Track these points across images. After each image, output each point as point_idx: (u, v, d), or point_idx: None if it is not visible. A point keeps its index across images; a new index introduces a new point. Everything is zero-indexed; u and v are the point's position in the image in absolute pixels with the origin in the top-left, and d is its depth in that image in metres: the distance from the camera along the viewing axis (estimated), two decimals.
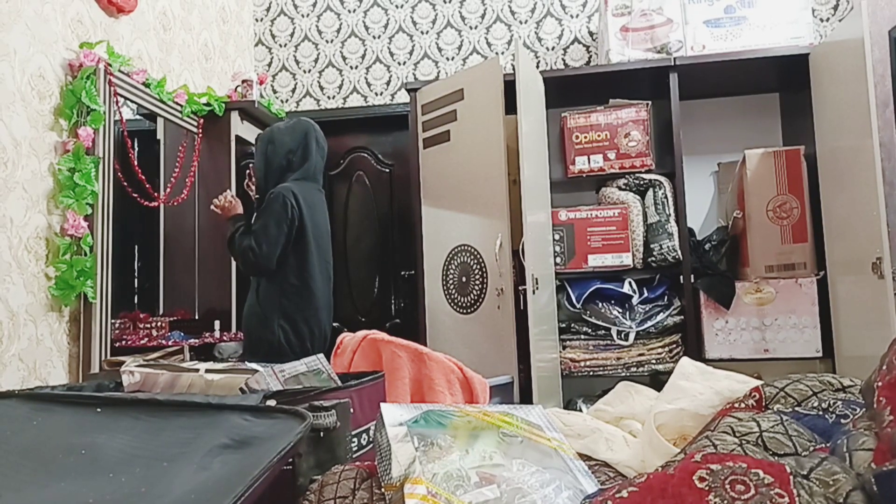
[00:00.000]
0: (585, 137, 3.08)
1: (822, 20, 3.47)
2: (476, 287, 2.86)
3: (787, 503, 0.57)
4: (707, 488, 0.59)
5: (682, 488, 0.60)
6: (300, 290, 2.50)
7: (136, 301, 3.12)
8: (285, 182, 2.53)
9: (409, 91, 3.26)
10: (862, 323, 2.55)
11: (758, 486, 0.59)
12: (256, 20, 4.09)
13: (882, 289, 2.38)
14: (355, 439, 0.97)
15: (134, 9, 2.95)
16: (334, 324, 3.91)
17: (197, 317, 3.29)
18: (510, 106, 2.73)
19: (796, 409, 0.82)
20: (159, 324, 2.94)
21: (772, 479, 0.59)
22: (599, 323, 2.91)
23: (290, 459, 0.78)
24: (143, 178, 2.90)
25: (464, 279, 2.92)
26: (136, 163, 2.87)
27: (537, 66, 3.69)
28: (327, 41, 4.00)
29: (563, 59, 3.74)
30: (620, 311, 2.92)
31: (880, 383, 0.68)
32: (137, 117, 3.05)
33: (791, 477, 0.59)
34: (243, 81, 3.48)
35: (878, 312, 2.40)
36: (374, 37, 3.95)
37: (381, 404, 0.82)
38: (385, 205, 4.01)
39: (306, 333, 2.51)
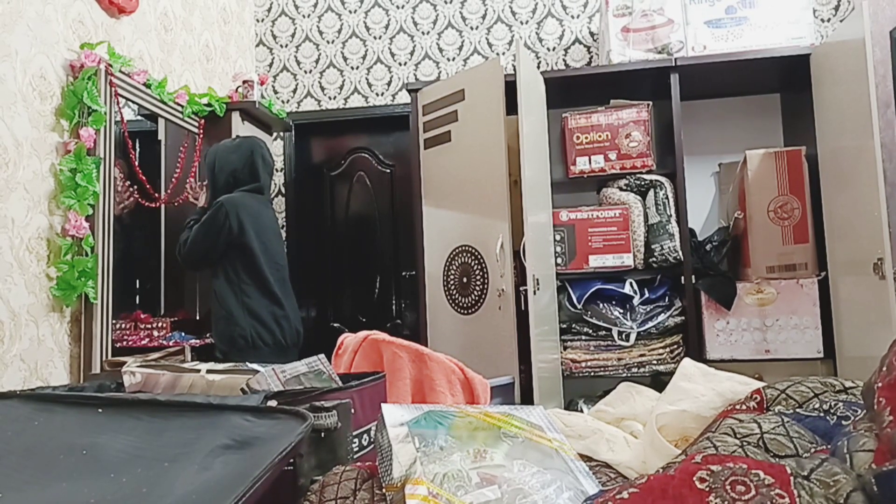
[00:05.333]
0: (586, 138, 3.07)
1: (823, 20, 3.47)
2: (477, 287, 2.86)
3: (787, 503, 0.57)
4: (707, 489, 0.59)
5: (682, 489, 0.60)
6: (257, 289, 2.65)
7: (137, 301, 3.12)
8: (233, 193, 2.69)
9: (410, 92, 3.26)
10: (863, 324, 2.55)
11: (758, 486, 0.59)
12: (257, 21, 4.09)
13: (883, 289, 2.37)
14: (356, 440, 0.97)
15: (135, 9, 2.95)
16: (335, 324, 3.96)
17: (198, 317, 3.29)
18: (511, 106, 2.73)
19: (797, 410, 0.82)
20: (160, 324, 2.94)
21: (772, 479, 0.59)
22: (600, 323, 2.91)
23: (292, 460, 0.78)
24: (145, 178, 2.90)
25: (465, 280, 2.92)
26: (137, 163, 2.88)
27: (538, 67, 3.69)
28: (328, 42, 4.00)
29: (564, 60, 3.74)
30: (621, 311, 2.92)
31: (880, 384, 0.68)
32: (138, 118, 3.05)
33: (791, 478, 0.59)
34: (244, 82, 3.49)
35: (879, 313, 2.40)
36: (375, 37, 3.95)
37: (382, 405, 0.82)
38: (386, 205, 4.02)
39: (274, 326, 2.64)
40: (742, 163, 3.00)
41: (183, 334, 2.95)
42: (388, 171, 4.02)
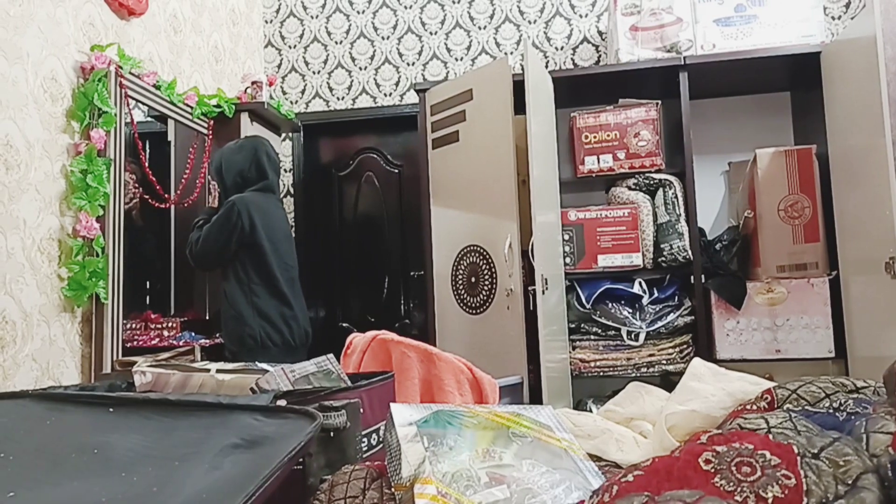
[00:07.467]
0: (595, 137, 3.07)
1: (833, 18, 3.45)
2: (485, 287, 2.86)
3: (794, 484, 0.56)
4: (713, 470, 0.59)
5: (687, 471, 0.60)
6: (266, 289, 2.65)
7: (147, 302, 3.13)
8: (244, 193, 2.70)
9: (418, 92, 3.27)
10: (875, 323, 2.53)
11: (764, 467, 0.58)
12: (266, 22, 4.11)
13: (895, 289, 2.35)
14: (365, 439, 0.97)
15: (145, 11, 2.97)
16: (343, 324, 3.97)
17: (208, 317, 3.30)
18: (519, 106, 2.73)
19: (807, 408, 0.82)
20: (171, 324, 2.95)
21: (779, 460, 0.59)
22: (609, 323, 2.90)
23: (301, 459, 0.78)
24: (154, 179, 2.92)
25: (473, 279, 2.92)
26: (147, 164, 2.89)
27: (546, 66, 3.68)
28: (336, 42, 4.01)
29: (573, 59, 3.73)
30: (630, 311, 2.91)
31: None
32: (148, 119, 3.07)
33: (799, 458, 0.59)
34: (253, 83, 3.50)
35: (891, 312, 2.38)
36: (382, 38, 3.96)
37: (391, 404, 0.82)
38: (394, 205, 4.02)
39: (283, 326, 2.65)
40: (752, 161, 2.98)
41: (193, 334, 2.96)
42: (397, 171, 4.03)
